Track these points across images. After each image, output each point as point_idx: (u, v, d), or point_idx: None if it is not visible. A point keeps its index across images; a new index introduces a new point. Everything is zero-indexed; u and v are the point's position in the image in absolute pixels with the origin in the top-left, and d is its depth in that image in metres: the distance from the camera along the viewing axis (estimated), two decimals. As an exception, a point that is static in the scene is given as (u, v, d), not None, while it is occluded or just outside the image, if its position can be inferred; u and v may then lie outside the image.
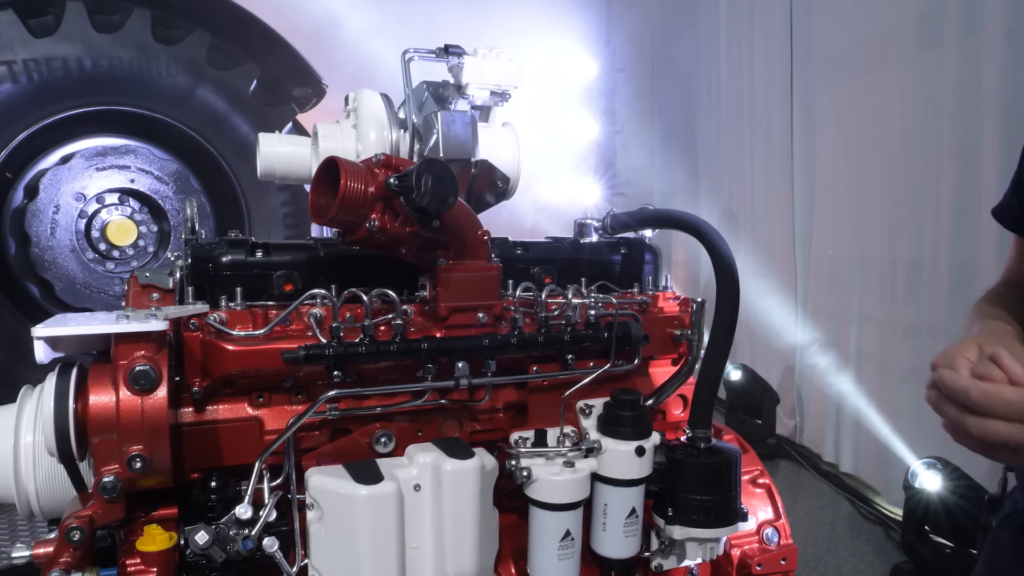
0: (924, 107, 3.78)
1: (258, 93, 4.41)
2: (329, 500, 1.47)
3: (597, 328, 1.69)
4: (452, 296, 1.59)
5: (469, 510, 1.52)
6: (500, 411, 1.74)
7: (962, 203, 3.59)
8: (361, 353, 1.48)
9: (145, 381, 1.29)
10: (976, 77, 3.48)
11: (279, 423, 1.57)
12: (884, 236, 4.06)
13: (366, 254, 1.71)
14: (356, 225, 1.47)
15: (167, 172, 4.26)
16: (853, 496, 4.17)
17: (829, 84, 4.49)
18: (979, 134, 3.47)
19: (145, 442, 1.29)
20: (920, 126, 3.83)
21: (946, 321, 3.66)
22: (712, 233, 1.77)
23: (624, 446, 1.64)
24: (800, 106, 4.74)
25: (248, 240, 1.67)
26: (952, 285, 3.65)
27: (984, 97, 3.44)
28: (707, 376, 1.76)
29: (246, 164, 4.31)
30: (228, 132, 4.29)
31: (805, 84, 4.68)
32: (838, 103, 4.42)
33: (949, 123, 3.64)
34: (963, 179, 3.57)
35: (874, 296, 4.14)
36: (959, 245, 3.61)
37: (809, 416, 4.73)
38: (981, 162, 3.45)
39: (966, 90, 3.54)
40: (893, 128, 4.01)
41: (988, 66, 3.42)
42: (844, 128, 4.39)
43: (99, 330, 1.29)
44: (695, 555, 1.74)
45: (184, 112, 4.18)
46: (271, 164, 1.91)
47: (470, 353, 1.57)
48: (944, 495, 3.25)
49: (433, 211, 1.37)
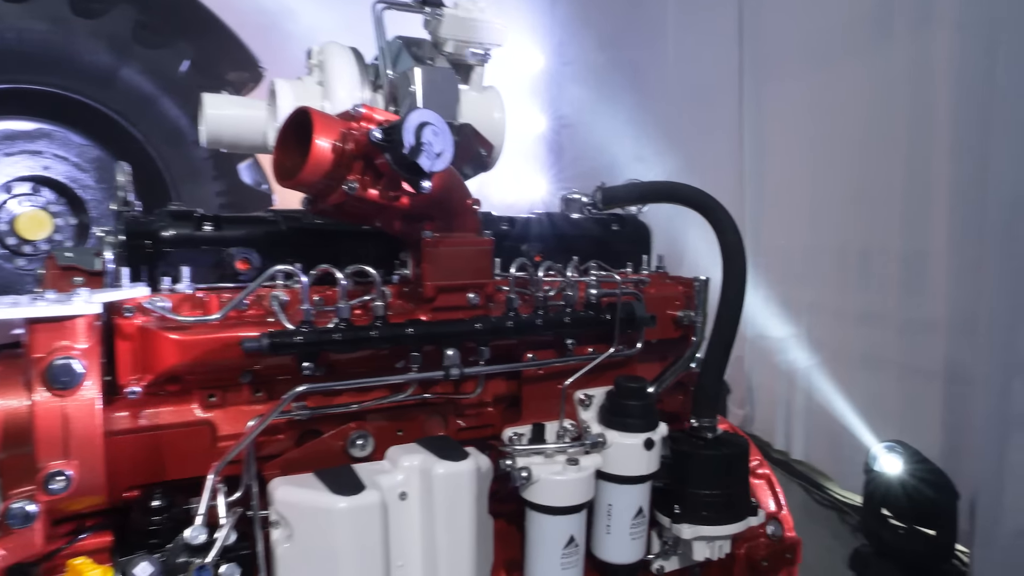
0: (875, 98, 3.72)
1: (190, 75, 4.00)
2: (300, 516, 1.21)
3: (599, 309, 1.47)
4: (440, 274, 1.34)
5: (465, 519, 1.28)
6: (490, 405, 1.50)
7: (913, 192, 3.54)
8: (337, 340, 1.22)
9: (68, 378, 1.00)
10: (927, 69, 3.43)
11: (236, 427, 1.29)
12: (835, 226, 3.99)
13: (335, 227, 1.45)
14: (330, 189, 1.21)
15: (87, 159, 3.82)
16: (806, 482, 4.09)
17: (779, 75, 4.40)
18: (930, 125, 3.42)
19: (69, 455, 1.01)
20: (872, 117, 3.77)
21: (897, 308, 3.61)
22: (717, 208, 1.58)
23: (631, 439, 1.43)
24: (750, 97, 4.64)
25: (194, 211, 1.38)
26: (903, 273, 3.60)
27: (935, 89, 3.39)
28: (713, 360, 1.56)
29: (177, 151, 3.92)
30: (156, 116, 3.88)
31: (755, 75, 4.59)
32: (788, 94, 4.33)
33: (901, 114, 3.59)
34: (914, 169, 3.52)
35: (826, 285, 4.07)
36: (910, 234, 3.56)
37: (760, 405, 4.64)
38: (932, 152, 3.40)
39: (917, 82, 3.49)
40: (844, 119, 3.94)
41: (939, 58, 3.37)
42: (795, 119, 4.31)
43: (6, 314, 1.00)
44: (703, 554, 1.54)
45: (107, 93, 3.74)
46: (218, 130, 1.62)
47: (462, 339, 1.33)
48: (904, 478, 3.17)
49: (426, 170, 1.12)
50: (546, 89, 6.79)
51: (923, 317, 3.46)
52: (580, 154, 6.39)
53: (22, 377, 1.02)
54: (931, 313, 3.35)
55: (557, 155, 6.71)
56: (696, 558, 1.54)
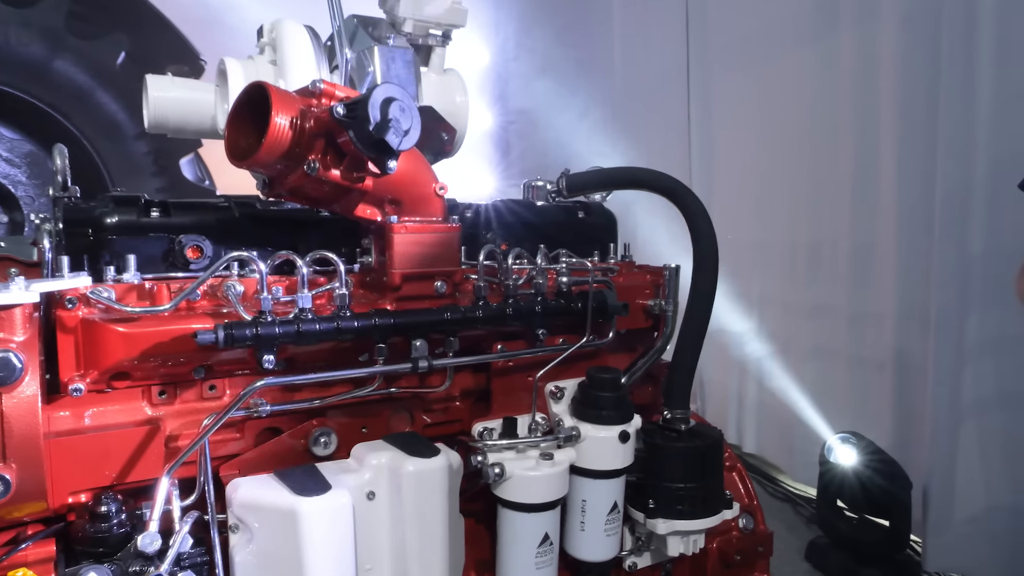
0: (822, 93, 3.77)
1: (127, 67, 3.83)
2: (262, 519, 1.13)
3: (570, 298, 1.42)
4: (406, 261, 1.28)
5: (437, 518, 1.21)
6: (457, 399, 1.44)
7: (860, 186, 3.59)
8: (299, 332, 1.14)
9: (4, 373, 0.91)
10: (873, 64, 3.48)
11: (189, 426, 1.21)
12: (784, 220, 4.03)
13: (291, 214, 1.37)
14: (288, 170, 1.14)
15: (19, 154, 3.62)
16: (759, 475, 4.12)
17: (727, 70, 4.44)
18: (876, 119, 3.47)
19: (7, 457, 0.91)
20: (818, 111, 3.82)
21: (847, 300, 3.65)
22: (686, 194, 1.55)
23: (605, 431, 1.39)
24: (697, 92, 4.67)
25: (140, 197, 1.29)
26: (852, 266, 3.65)
27: (881, 83, 3.44)
28: (685, 350, 1.53)
29: (113, 145, 3.74)
30: (92, 110, 3.70)
31: (702, 70, 4.61)
32: (736, 89, 4.36)
33: (847, 108, 3.63)
34: (861, 163, 3.56)
35: (775, 279, 4.11)
36: (858, 227, 3.61)
37: (711, 399, 4.67)
38: (879, 146, 3.45)
39: (863, 76, 3.54)
40: (791, 113, 3.98)
41: (885, 53, 3.42)
42: (742, 114, 4.34)
43: (-67, 304, 0.90)
44: (677, 550, 1.50)
45: (39, 86, 3.56)
46: (162, 113, 1.52)
47: (430, 329, 1.27)
48: (859, 469, 3.21)
49: (393, 148, 1.06)
50: (493, 85, 6.73)
51: (872, 309, 3.51)
52: (527, 151, 6.36)
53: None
54: (880, 305, 3.39)
55: (504, 152, 6.66)
56: (670, 553, 1.50)
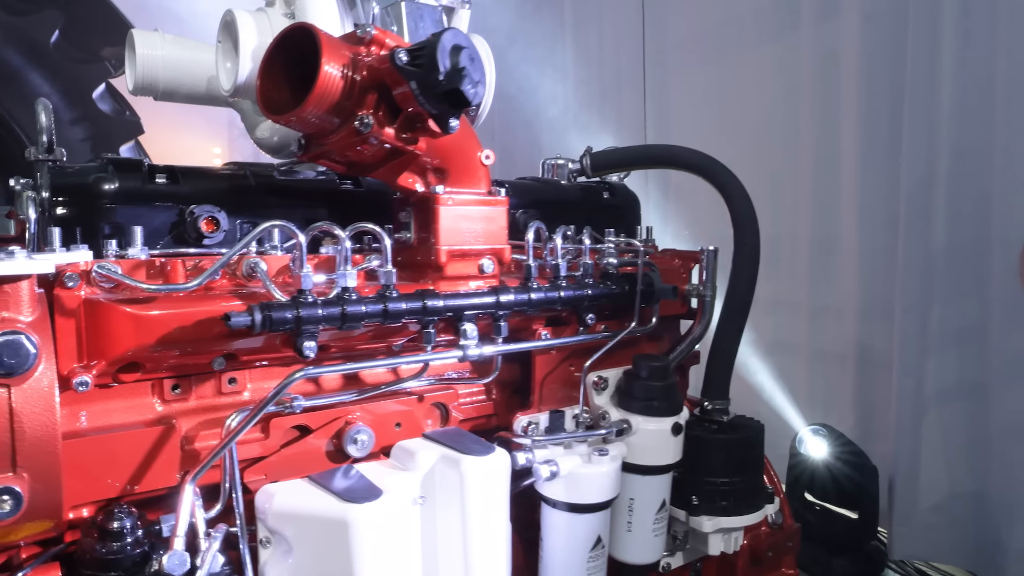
0: (782, 89, 3.77)
1: (61, 47, 3.50)
2: (303, 530, 0.97)
3: (619, 280, 1.31)
4: (452, 237, 1.13)
5: (497, 523, 1.08)
6: (492, 391, 1.31)
7: (821, 182, 3.61)
8: (344, 314, 0.98)
9: (15, 359, 0.72)
10: (834, 60, 3.50)
11: (206, 425, 1.03)
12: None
13: (311, 184, 1.21)
14: (334, 127, 0.98)
15: (-62, 137, 3.27)
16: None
17: (683, 66, 4.41)
18: (838, 115, 3.49)
19: (17, 466, 0.73)
20: (778, 107, 3.82)
21: (808, 295, 3.67)
22: (723, 172, 1.46)
23: (657, 423, 1.28)
24: (653, 88, 4.63)
25: (142, 161, 1.10)
26: (812, 261, 3.66)
27: (842, 79, 3.47)
28: (725, 338, 1.44)
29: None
30: (23, 90, 3.37)
31: (658, 66, 4.58)
32: (693, 85, 4.34)
33: (808, 105, 3.65)
34: (822, 157, 3.58)
35: (736, 274, 4.10)
36: (819, 222, 3.63)
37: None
38: (840, 142, 3.47)
39: (824, 73, 3.56)
40: (751, 109, 3.98)
41: (846, 50, 3.44)
42: (700, 110, 4.32)
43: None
44: (717, 548, 1.41)
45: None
46: (150, 73, 1.33)
47: (481, 313, 1.12)
48: (829, 461, 3.21)
49: (467, 99, 0.92)
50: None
51: (834, 303, 3.53)
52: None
53: (-60, 361, 0.73)
54: (842, 298, 3.41)
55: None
56: (711, 552, 1.41)
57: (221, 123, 5.54)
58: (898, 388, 3.01)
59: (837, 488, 3.25)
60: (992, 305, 2.60)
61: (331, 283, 1.03)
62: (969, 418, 2.83)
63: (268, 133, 1.31)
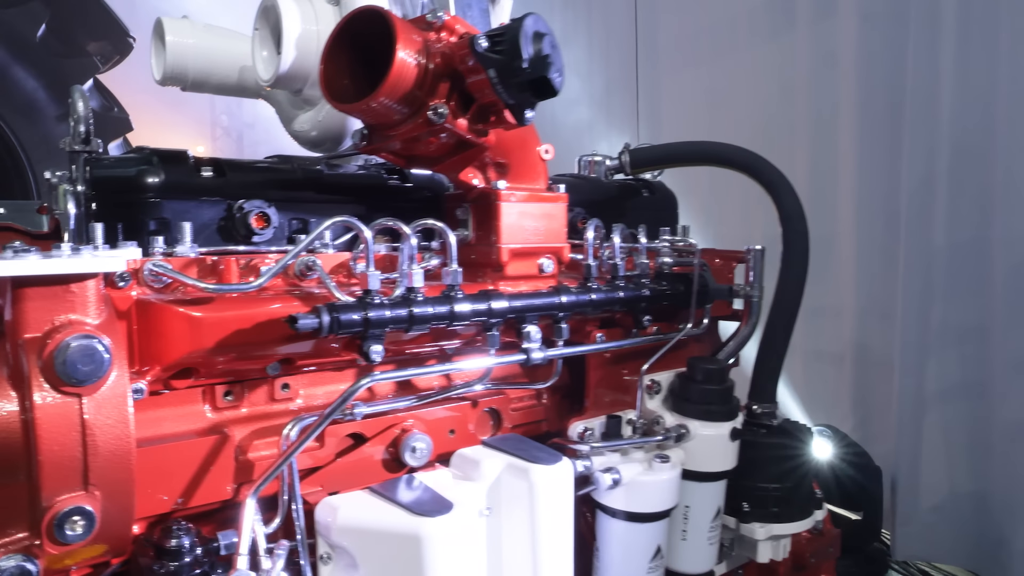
0: (777, 89, 3.76)
1: (47, 41, 3.38)
2: (371, 546, 0.90)
3: (675, 281, 1.26)
4: (513, 235, 1.08)
5: (565, 534, 1.02)
6: (543, 395, 1.25)
7: (817, 183, 3.60)
8: (411, 316, 0.92)
9: (89, 367, 0.65)
10: (831, 60, 3.49)
11: (259, 434, 0.96)
12: (737, 217, 4.00)
13: (363, 179, 1.14)
14: (403, 118, 0.92)
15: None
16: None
17: (677, 66, 4.39)
18: (835, 116, 3.48)
19: (90, 482, 0.66)
20: (773, 109, 3.80)
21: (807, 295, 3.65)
22: (770, 169, 1.42)
23: (715, 429, 1.23)
24: (646, 89, 4.60)
25: (187, 152, 1.03)
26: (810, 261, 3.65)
27: (839, 80, 3.46)
28: (773, 340, 1.40)
29: (32, 125, 3.29)
30: (8, 86, 3.24)
31: (651, 66, 4.55)
32: (686, 86, 4.32)
33: (803, 106, 3.63)
34: (819, 160, 3.57)
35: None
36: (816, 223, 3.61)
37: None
38: (837, 143, 3.46)
39: (820, 73, 3.54)
40: (745, 111, 3.96)
41: (843, 50, 3.43)
42: (693, 111, 4.30)
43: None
44: (767, 556, 1.37)
45: (-56, 56, 3.10)
46: (180, 63, 1.26)
47: (543, 314, 1.07)
48: (834, 462, 3.20)
49: (553, 88, 0.87)
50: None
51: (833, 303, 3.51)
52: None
53: (3, 369, 0.66)
54: (841, 299, 3.40)
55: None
56: (759, 559, 1.37)
57: (204, 122, 5.42)
58: (899, 388, 3.00)
59: (841, 490, 3.24)
60: (994, 304, 2.59)
61: (390, 283, 0.97)
62: (971, 418, 2.82)
63: (308, 126, 1.24)
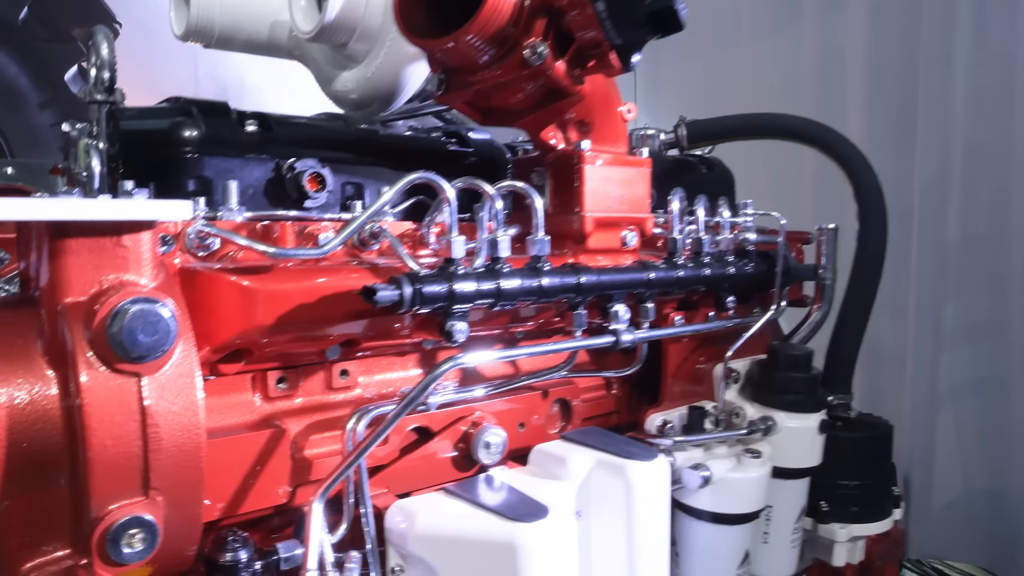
0: (782, 83, 3.68)
1: (29, 25, 3.17)
2: (456, 556, 0.76)
3: (759, 260, 1.14)
4: (598, 203, 0.95)
5: (662, 536, 0.89)
6: (614, 385, 1.12)
7: (824, 179, 3.52)
8: (499, 290, 0.79)
9: (152, 338, 0.50)
10: (837, 55, 3.42)
11: (315, 428, 0.82)
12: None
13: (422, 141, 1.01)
14: (492, 60, 0.79)
15: None
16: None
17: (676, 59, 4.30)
18: (842, 111, 3.41)
19: (150, 486, 0.52)
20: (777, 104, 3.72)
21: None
22: (842, 142, 1.31)
23: (802, 421, 1.11)
24: (643, 82, 4.51)
25: (227, 103, 0.89)
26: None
27: (847, 74, 3.39)
28: (849, 325, 1.29)
29: (13, 115, 3.08)
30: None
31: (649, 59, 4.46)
32: (686, 78, 4.23)
33: (810, 100, 3.56)
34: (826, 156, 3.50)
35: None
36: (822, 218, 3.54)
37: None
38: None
39: (827, 67, 3.47)
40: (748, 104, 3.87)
41: (851, 43, 3.36)
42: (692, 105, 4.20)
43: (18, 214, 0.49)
44: (842, 559, 1.26)
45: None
46: (206, 16, 1.10)
47: (631, 291, 0.94)
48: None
49: (676, 22, 0.74)
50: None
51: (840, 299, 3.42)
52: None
53: (37, 342, 0.51)
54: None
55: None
56: (835, 563, 1.25)
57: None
58: (912, 384, 2.92)
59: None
60: (1011, 300, 2.52)
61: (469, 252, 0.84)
62: (985, 414, 2.75)
63: (352, 84, 1.10)
